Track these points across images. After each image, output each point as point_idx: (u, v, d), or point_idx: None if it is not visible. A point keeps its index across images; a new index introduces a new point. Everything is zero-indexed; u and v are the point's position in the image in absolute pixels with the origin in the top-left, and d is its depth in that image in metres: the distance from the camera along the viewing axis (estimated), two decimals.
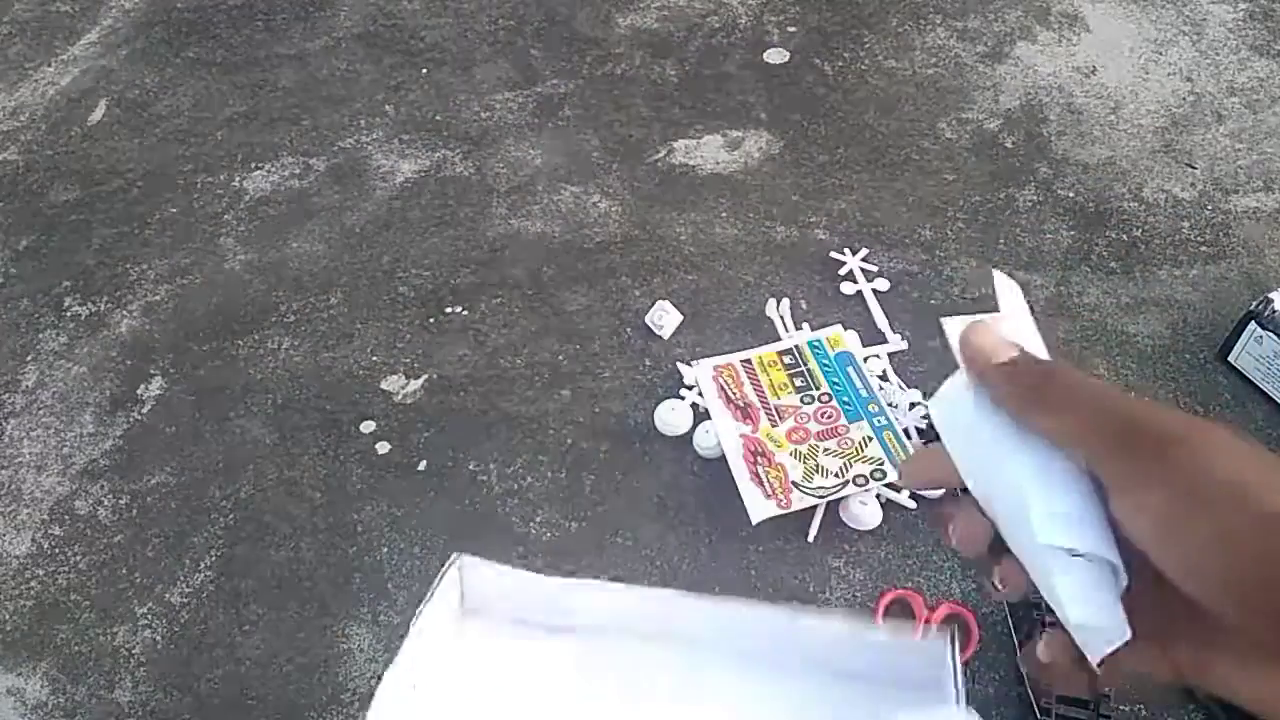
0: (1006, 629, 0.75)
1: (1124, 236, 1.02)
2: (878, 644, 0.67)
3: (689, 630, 0.71)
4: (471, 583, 0.75)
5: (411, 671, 0.66)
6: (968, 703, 0.58)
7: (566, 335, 0.96)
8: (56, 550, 0.84)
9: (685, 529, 0.82)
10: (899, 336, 0.93)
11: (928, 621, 0.74)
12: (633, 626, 0.73)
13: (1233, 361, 0.90)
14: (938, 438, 0.37)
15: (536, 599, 0.73)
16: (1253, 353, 0.88)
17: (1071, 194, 1.06)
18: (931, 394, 0.41)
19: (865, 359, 0.89)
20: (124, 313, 1.02)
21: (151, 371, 0.96)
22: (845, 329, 0.92)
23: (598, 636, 0.73)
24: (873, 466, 0.79)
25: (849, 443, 0.81)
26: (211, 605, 0.79)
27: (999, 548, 0.36)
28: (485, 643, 0.74)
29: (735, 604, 0.69)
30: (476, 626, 0.75)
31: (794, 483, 0.79)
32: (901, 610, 0.76)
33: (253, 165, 1.16)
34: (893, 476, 0.79)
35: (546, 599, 0.73)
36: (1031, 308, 0.37)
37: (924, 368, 0.91)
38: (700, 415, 0.87)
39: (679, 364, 0.92)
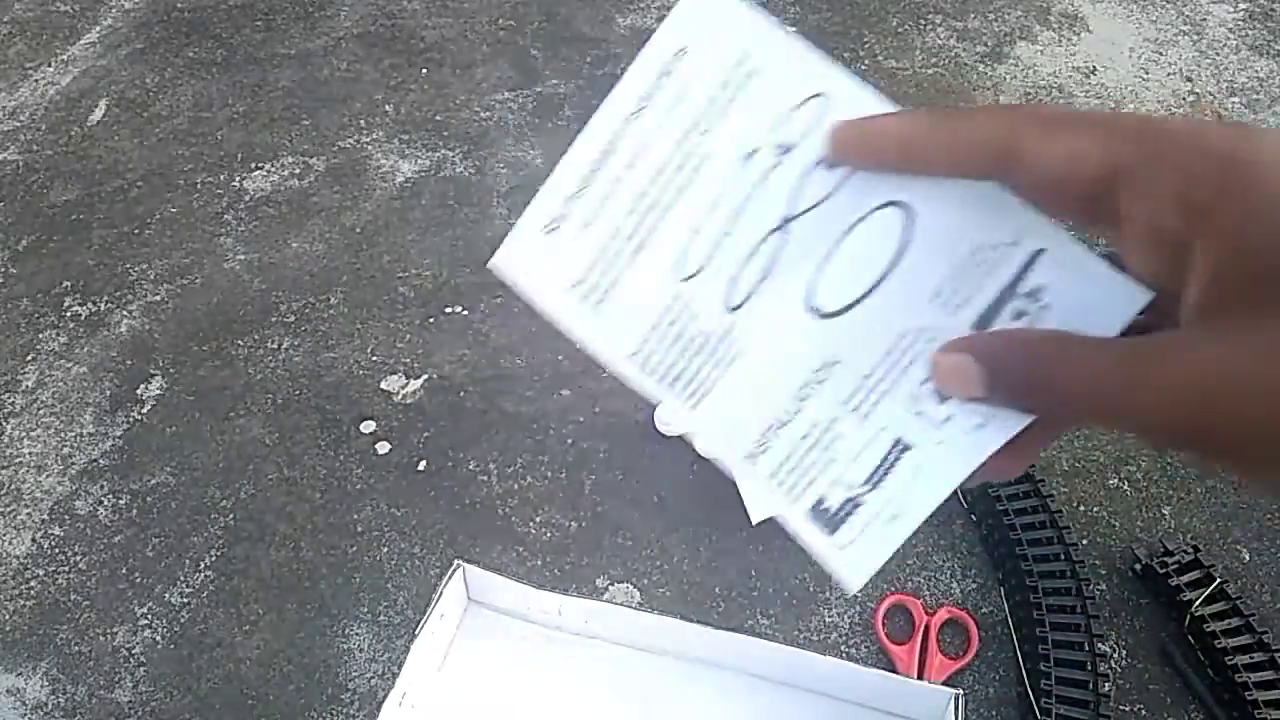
0: (1007, 629, 0.75)
1: None
2: (882, 678, 0.67)
3: (691, 648, 0.71)
4: (472, 590, 0.75)
5: (408, 686, 0.66)
6: None
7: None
8: (56, 550, 0.84)
9: (685, 529, 0.82)
10: None
11: (927, 627, 0.74)
12: (632, 640, 0.73)
13: None
14: None
15: (535, 607, 0.73)
16: None
17: None
18: None
19: None
20: (124, 313, 1.02)
21: (151, 371, 0.96)
22: None
23: (597, 644, 0.74)
24: None
25: None
26: (211, 605, 0.79)
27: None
28: (485, 645, 0.74)
29: (739, 637, 0.70)
30: (477, 631, 0.75)
31: None
32: (901, 614, 0.76)
33: (253, 165, 1.16)
34: None
35: (545, 610, 0.73)
36: None
37: None
38: None
39: None
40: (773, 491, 0.30)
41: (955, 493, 0.89)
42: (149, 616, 0.79)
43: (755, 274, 0.29)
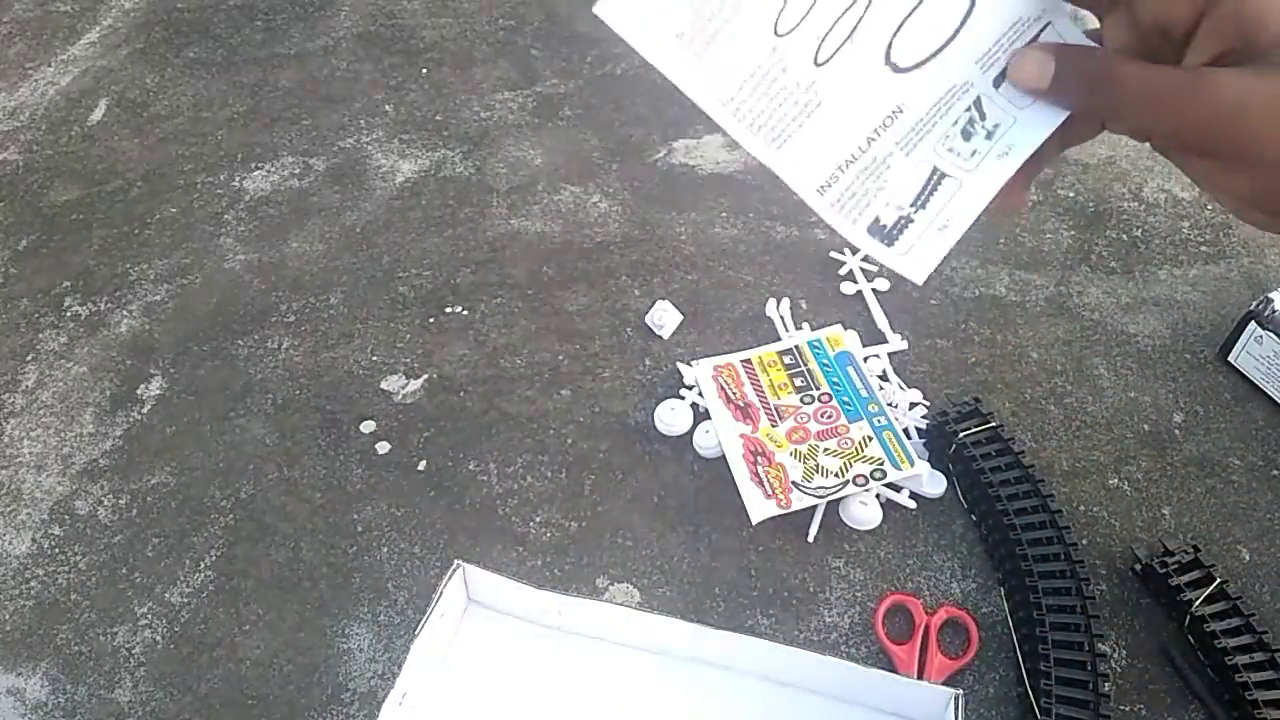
0: (1006, 629, 0.75)
1: (1124, 236, 1.02)
2: (882, 678, 0.67)
3: (691, 648, 0.71)
4: (472, 590, 0.75)
5: (408, 686, 0.66)
6: None
7: (566, 335, 0.96)
8: (56, 550, 0.84)
9: (685, 529, 0.82)
10: (899, 336, 0.93)
11: (927, 627, 0.74)
12: (632, 640, 0.73)
13: (1233, 361, 0.90)
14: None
15: (535, 607, 0.73)
16: (1253, 353, 0.88)
17: (1071, 194, 1.06)
18: (932, 395, 0.44)
19: (865, 359, 0.89)
20: (124, 313, 1.02)
21: (151, 371, 0.96)
22: (845, 329, 0.92)
23: (597, 644, 0.74)
24: (873, 466, 0.79)
25: (849, 443, 0.81)
26: (211, 605, 0.79)
27: None
28: (485, 645, 0.74)
29: (739, 637, 0.69)
30: (477, 631, 0.75)
31: (794, 483, 0.79)
32: (901, 614, 0.76)
33: (253, 165, 1.16)
34: (893, 476, 0.79)
35: (545, 610, 0.73)
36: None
37: (924, 368, 0.91)
38: (700, 415, 0.87)
39: (679, 364, 0.92)
40: (836, 215, 0.36)
41: (956, 493, 0.88)
42: (149, 616, 0.79)
43: (842, 33, 0.35)
